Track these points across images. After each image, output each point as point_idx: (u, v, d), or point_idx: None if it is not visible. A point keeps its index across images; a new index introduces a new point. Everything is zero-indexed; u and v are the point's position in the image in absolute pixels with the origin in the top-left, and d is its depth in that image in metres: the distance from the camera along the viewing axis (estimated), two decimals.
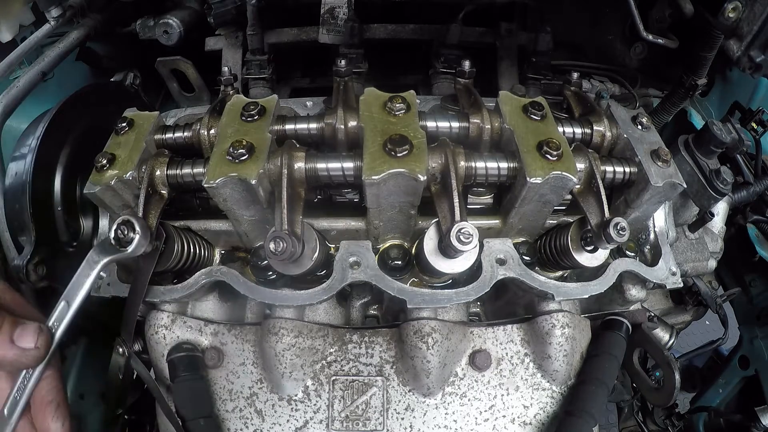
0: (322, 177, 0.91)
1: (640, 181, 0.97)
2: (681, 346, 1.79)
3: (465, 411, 1.05)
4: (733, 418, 1.81)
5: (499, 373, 1.07)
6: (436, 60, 1.40)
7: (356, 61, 1.35)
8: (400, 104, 0.93)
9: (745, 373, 1.85)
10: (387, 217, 0.94)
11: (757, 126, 1.43)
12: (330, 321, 1.08)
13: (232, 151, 0.86)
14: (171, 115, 1.24)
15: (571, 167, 0.88)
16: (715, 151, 1.22)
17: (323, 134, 0.98)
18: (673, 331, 1.35)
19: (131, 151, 0.97)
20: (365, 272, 0.96)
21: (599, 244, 0.93)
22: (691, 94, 1.34)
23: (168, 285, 1.00)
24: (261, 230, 0.98)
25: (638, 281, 1.11)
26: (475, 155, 0.94)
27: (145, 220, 0.89)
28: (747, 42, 1.21)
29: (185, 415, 0.98)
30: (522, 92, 1.37)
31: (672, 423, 2.03)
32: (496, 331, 1.09)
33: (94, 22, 1.39)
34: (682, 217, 1.36)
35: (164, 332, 1.05)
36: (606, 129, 1.04)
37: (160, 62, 1.38)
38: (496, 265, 0.98)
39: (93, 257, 0.86)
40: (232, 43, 1.44)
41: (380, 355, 1.06)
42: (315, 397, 1.05)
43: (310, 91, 1.44)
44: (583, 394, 1.03)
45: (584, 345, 1.10)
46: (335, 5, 1.35)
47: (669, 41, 1.24)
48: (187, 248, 1.00)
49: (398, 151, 0.84)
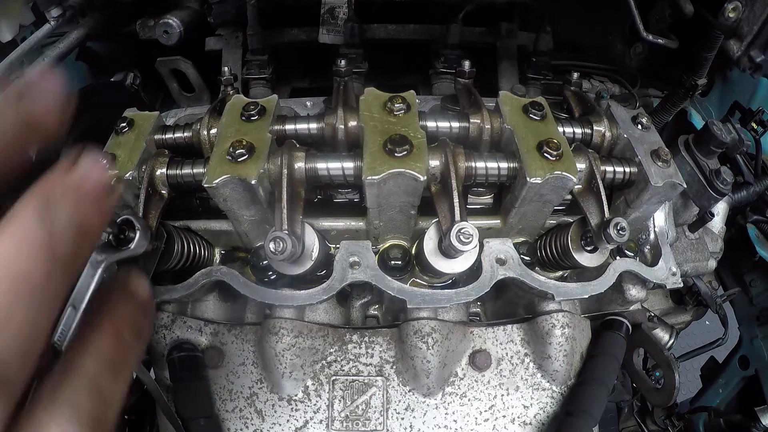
0: (322, 177, 0.91)
1: (640, 181, 0.97)
2: (681, 346, 1.79)
3: (465, 411, 1.05)
4: (733, 418, 1.81)
5: (499, 373, 1.07)
6: (436, 60, 1.40)
7: (356, 61, 1.35)
8: (400, 104, 0.93)
9: (745, 373, 1.85)
10: (387, 217, 0.94)
11: (757, 126, 1.43)
12: (330, 321, 1.08)
13: (232, 151, 0.85)
14: (171, 115, 1.25)
15: (571, 167, 0.88)
16: (715, 151, 1.22)
17: (323, 134, 0.98)
18: (673, 331, 1.35)
19: (131, 151, 0.97)
20: (365, 272, 0.96)
21: (599, 244, 0.93)
22: (691, 94, 1.34)
23: (168, 285, 1.00)
24: (261, 230, 0.98)
25: (638, 281, 1.11)
26: (475, 155, 0.94)
27: (146, 220, 0.89)
28: (747, 42, 1.21)
29: (185, 415, 0.98)
30: (522, 92, 1.37)
31: (672, 423, 2.03)
32: (496, 331, 1.09)
33: (94, 22, 1.39)
34: (682, 217, 1.36)
35: (164, 332, 1.05)
36: (606, 129, 1.04)
37: (160, 62, 1.38)
38: (496, 265, 0.98)
39: (95, 258, 0.86)
40: (232, 43, 1.44)
41: (380, 355, 1.06)
42: (315, 397, 1.05)
43: (310, 91, 1.44)
44: (583, 394, 1.03)
45: (584, 345, 1.10)
46: (335, 5, 1.35)
47: (669, 41, 1.24)
48: (187, 248, 0.99)
49: (398, 151, 0.84)
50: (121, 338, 0.44)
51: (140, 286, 0.48)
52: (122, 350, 0.44)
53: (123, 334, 0.44)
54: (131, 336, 0.45)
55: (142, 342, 0.47)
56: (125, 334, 0.44)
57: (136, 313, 0.47)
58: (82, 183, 0.38)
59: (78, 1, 1.37)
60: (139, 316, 0.47)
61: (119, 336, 0.44)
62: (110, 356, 0.43)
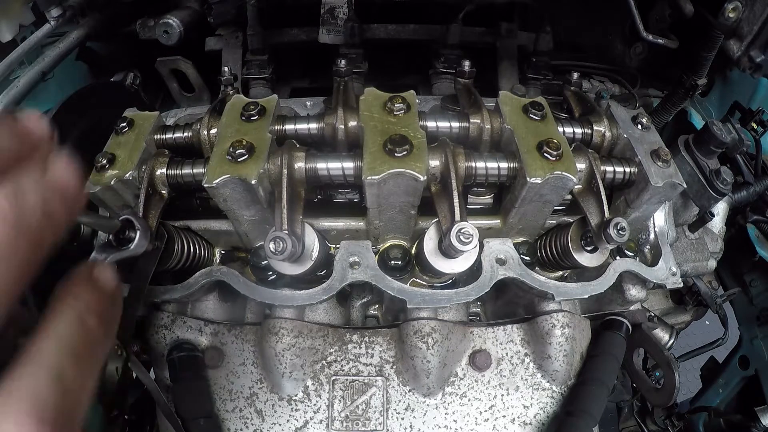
0: (322, 177, 0.91)
1: (640, 181, 0.97)
2: (681, 346, 1.79)
3: (465, 411, 1.05)
4: (733, 418, 1.81)
5: (499, 373, 1.07)
6: (436, 60, 1.40)
7: (356, 61, 1.35)
8: (400, 104, 0.93)
9: (745, 373, 1.85)
10: (387, 217, 0.94)
11: (757, 126, 1.43)
12: (330, 321, 1.08)
13: (232, 151, 0.85)
14: (171, 115, 1.24)
15: (571, 167, 0.88)
16: (715, 151, 1.22)
17: (323, 134, 0.98)
18: (673, 331, 1.35)
19: (131, 151, 0.97)
20: (365, 272, 0.96)
21: (599, 244, 0.93)
22: (691, 94, 1.34)
23: (168, 285, 1.00)
24: (261, 230, 0.98)
25: (638, 281, 1.11)
26: (475, 155, 0.94)
27: (146, 220, 0.89)
28: (747, 42, 1.21)
29: (185, 415, 0.98)
30: (522, 92, 1.37)
31: (672, 423, 2.03)
32: (496, 331, 1.09)
33: (94, 21, 1.39)
34: (682, 217, 1.36)
35: (164, 332, 1.05)
36: (606, 129, 1.04)
37: (160, 62, 1.38)
38: (496, 265, 0.98)
39: (95, 257, 0.86)
40: (232, 43, 1.44)
41: (380, 355, 1.06)
42: (315, 397, 1.05)
43: (310, 91, 1.44)
44: (583, 394, 1.03)
45: (584, 345, 1.10)
46: (335, 5, 1.35)
47: (669, 41, 1.24)
48: (187, 248, 1.00)
49: (398, 151, 0.84)
50: (85, 325, 0.42)
51: (104, 274, 0.47)
52: (86, 338, 0.42)
53: (87, 322, 0.43)
54: (96, 324, 0.43)
55: (109, 332, 0.46)
56: (89, 321, 0.43)
57: (101, 300, 0.45)
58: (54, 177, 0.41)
59: (78, 1, 1.37)
60: (104, 304, 0.45)
61: (82, 323, 0.42)
62: (72, 343, 0.40)
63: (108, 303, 0.46)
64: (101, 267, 0.48)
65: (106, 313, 0.45)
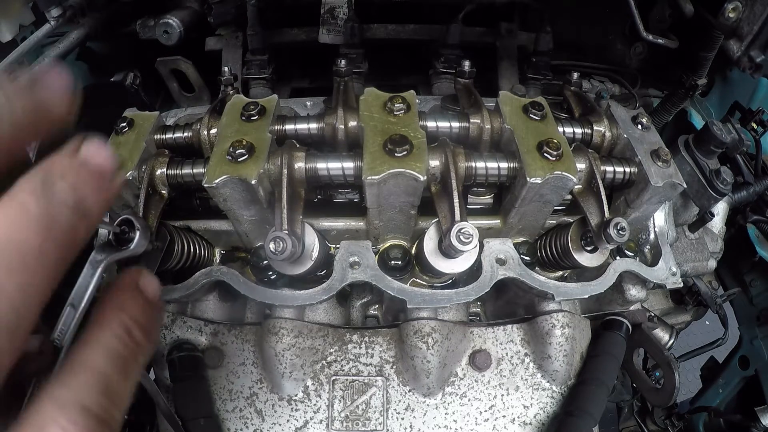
0: (322, 177, 0.91)
1: (640, 181, 0.97)
2: (681, 346, 1.79)
3: (465, 411, 1.05)
4: (733, 418, 1.81)
5: (499, 373, 1.07)
6: (436, 60, 1.40)
7: (356, 61, 1.35)
8: (400, 104, 0.93)
9: (745, 374, 1.85)
10: (387, 217, 0.95)
11: (757, 126, 1.43)
12: (330, 321, 1.08)
13: (232, 151, 0.86)
14: (171, 115, 1.24)
15: (571, 167, 0.89)
16: (715, 151, 1.22)
17: (323, 134, 0.98)
18: (673, 331, 1.35)
19: (131, 151, 0.97)
20: (365, 272, 0.96)
21: (599, 244, 0.93)
22: (691, 94, 1.35)
23: (168, 285, 1.00)
24: (261, 230, 0.98)
25: (638, 281, 1.11)
26: (475, 155, 0.94)
27: (146, 220, 0.89)
28: (747, 42, 1.21)
29: (185, 415, 0.98)
30: (522, 92, 1.37)
31: (672, 423, 2.03)
32: (496, 331, 1.09)
33: (94, 22, 1.39)
34: (682, 217, 1.36)
35: (164, 332, 1.05)
36: (606, 129, 1.04)
37: (160, 62, 1.38)
38: (496, 265, 0.98)
39: (95, 257, 0.86)
40: (232, 43, 1.44)
41: (380, 355, 1.06)
42: (315, 397, 1.05)
43: (310, 91, 1.44)
44: (583, 394, 1.03)
45: (584, 345, 1.10)
46: (335, 5, 1.35)
47: (669, 41, 1.24)
48: (188, 248, 0.99)
49: (398, 151, 0.84)
50: (130, 335, 0.42)
51: (150, 284, 0.47)
52: (131, 348, 0.42)
53: (132, 332, 0.43)
54: (140, 334, 0.43)
55: (151, 341, 0.46)
56: (134, 331, 0.43)
57: (145, 310, 0.45)
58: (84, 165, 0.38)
59: (78, 1, 1.37)
60: (148, 314, 0.46)
61: (129, 333, 0.42)
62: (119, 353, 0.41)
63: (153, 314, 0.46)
64: (147, 277, 0.47)
65: (149, 322, 0.45)
